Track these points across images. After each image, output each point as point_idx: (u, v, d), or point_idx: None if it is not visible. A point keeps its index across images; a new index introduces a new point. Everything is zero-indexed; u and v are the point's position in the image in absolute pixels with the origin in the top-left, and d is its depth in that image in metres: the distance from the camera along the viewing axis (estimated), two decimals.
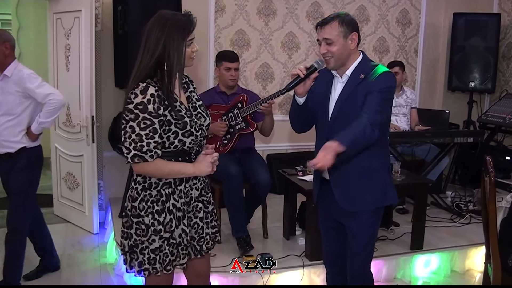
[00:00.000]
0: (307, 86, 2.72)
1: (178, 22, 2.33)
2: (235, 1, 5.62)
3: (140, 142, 2.25)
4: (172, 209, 2.41)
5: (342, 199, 2.77)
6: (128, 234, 2.44)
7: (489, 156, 3.03)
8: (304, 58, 5.98)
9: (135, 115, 2.24)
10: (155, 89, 2.29)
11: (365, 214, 2.77)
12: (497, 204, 3.75)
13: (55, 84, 5.12)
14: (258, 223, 4.51)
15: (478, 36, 6.23)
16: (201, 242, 2.58)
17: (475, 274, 4.30)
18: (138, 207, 2.40)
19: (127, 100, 2.29)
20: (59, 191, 5.34)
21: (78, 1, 4.76)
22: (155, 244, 2.38)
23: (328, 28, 2.63)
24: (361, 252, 2.84)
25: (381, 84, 2.61)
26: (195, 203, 2.54)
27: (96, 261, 4.41)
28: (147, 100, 2.25)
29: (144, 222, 2.38)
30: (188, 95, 2.54)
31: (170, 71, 2.32)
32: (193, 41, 2.39)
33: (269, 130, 4.34)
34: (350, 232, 2.83)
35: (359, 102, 2.61)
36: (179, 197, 2.44)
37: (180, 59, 2.33)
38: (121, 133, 2.30)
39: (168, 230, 2.40)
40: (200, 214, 2.56)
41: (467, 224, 4.92)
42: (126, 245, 2.45)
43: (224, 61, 4.27)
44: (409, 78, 6.47)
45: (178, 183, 2.44)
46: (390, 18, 6.35)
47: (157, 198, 2.39)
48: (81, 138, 4.85)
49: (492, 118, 5.89)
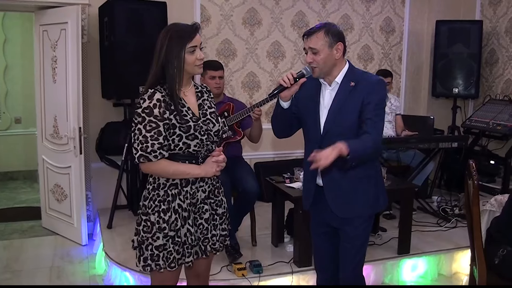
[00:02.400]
0: (292, 91, 2.77)
1: (179, 30, 2.48)
2: (220, 11, 5.66)
3: (145, 143, 2.40)
4: (177, 209, 2.52)
5: (336, 206, 2.81)
6: (138, 231, 2.57)
7: (472, 160, 3.08)
8: (290, 66, 6.03)
9: (142, 118, 2.41)
10: (161, 94, 2.44)
11: (359, 219, 2.82)
12: (482, 207, 3.81)
13: (42, 96, 5.13)
14: (247, 231, 4.53)
15: (461, 43, 6.32)
16: (206, 243, 2.65)
17: (462, 277, 4.35)
18: (147, 205, 2.53)
19: (137, 105, 2.46)
20: (47, 203, 5.32)
21: (64, 13, 4.78)
22: (159, 241, 2.49)
23: (314, 38, 2.68)
24: (356, 255, 2.87)
25: (378, 95, 2.68)
26: (201, 204, 2.62)
27: (86, 273, 4.40)
28: (153, 104, 2.41)
29: (150, 220, 2.50)
30: (200, 102, 2.65)
31: (172, 77, 2.46)
32: (197, 48, 2.49)
33: (257, 136, 4.35)
34: (345, 235, 2.86)
35: (353, 112, 2.67)
36: (185, 198, 2.54)
37: (179, 65, 2.46)
38: (131, 136, 2.49)
39: (173, 229, 2.50)
40: (205, 216, 2.64)
41: (453, 228, 4.97)
42: (136, 240, 2.57)
43: (209, 70, 4.29)
44: (394, 85, 6.53)
45: (185, 185, 2.54)
46: (374, 26, 6.43)
47: (164, 198, 2.51)
48: (69, 149, 4.85)
49: (476, 123, 5.97)
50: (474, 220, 3.02)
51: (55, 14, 4.89)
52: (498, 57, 6.51)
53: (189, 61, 2.47)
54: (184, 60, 2.46)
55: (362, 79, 2.73)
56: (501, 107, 5.90)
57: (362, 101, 2.67)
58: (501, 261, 2.97)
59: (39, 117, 5.24)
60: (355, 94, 2.69)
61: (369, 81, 2.72)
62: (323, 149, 2.51)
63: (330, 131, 2.73)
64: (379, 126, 2.70)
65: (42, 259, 4.62)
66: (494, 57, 6.57)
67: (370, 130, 2.63)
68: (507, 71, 6.38)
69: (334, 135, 2.68)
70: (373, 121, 2.65)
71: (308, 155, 2.83)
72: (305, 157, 2.94)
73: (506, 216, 3.10)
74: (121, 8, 4.62)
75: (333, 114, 2.73)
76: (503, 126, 5.61)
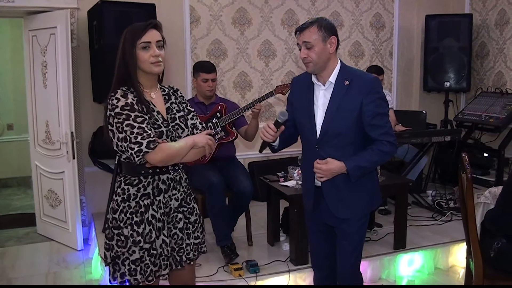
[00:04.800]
0: (276, 136, 2.79)
1: (132, 27, 2.40)
2: (209, 12, 5.65)
3: (145, 132, 2.30)
4: (151, 220, 2.43)
5: (335, 207, 2.81)
6: (110, 246, 2.46)
7: (465, 153, 3.09)
8: (281, 65, 6.03)
9: (126, 115, 2.30)
10: (132, 95, 2.36)
11: (355, 217, 2.82)
12: (476, 200, 3.82)
13: (33, 102, 5.11)
14: (242, 231, 4.52)
15: (451, 37, 6.34)
16: (181, 253, 2.58)
17: (459, 270, 4.36)
18: (118, 218, 2.43)
19: (111, 107, 2.33)
20: (41, 209, 5.30)
21: (53, 17, 4.76)
22: (135, 255, 2.40)
23: (307, 32, 2.67)
24: (353, 252, 2.87)
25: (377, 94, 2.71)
26: (174, 213, 2.55)
27: (82, 278, 4.39)
28: (130, 102, 2.32)
29: (124, 234, 2.41)
30: (168, 106, 2.56)
31: (133, 78, 2.39)
32: (151, 45, 2.39)
33: (253, 134, 4.31)
34: (342, 233, 2.86)
35: (351, 111, 2.68)
36: (158, 207, 2.46)
37: (133, 63, 2.38)
38: (118, 138, 2.33)
39: (148, 241, 2.42)
40: (179, 225, 2.57)
41: (448, 221, 4.99)
42: (109, 256, 2.47)
43: (201, 72, 4.28)
44: (386, 81, 6.54)
45: (157, 194, 2.46)
46: (364, 22, 6.43)
47: (136, 209, 2.42)
48: (62, 154, 4.83)
49: (469, 116, 5.98)
50: (468, 213, 3.02)
51: (44, 19, 4.87)
52: (488, 50, 6.52)
53: (142, 58, 2.38)
54: (137, 58, 2.37)
55: (356, 77, 2.73)
56: (493, 99, 5.92)
57: (361, 101, 2.67)
58: (496, 254, 2.97)
59: (31, 123, 5.22)
60: (351, 93, 2.68)
61: (364, 80, 2.73)
62: (319, 149, 2.71)
63: (328, 131, 2.72)
64: (386, 131, 2.71)
65: (37, 266, 4.60)
66: (484, 50, 6.59)
67: (379, 137, 2.69)
68: (498, 64, 6.40)
69: (332, 135, 2.71)
70: (377, 126, 2.69)
71: (306, 156, 2.88)
72: (303, 158, 2.95)
73: (499, 208, 3.10)
74: (110, 11, 4.60)
75: (330, 114, 2.72)
76: (495, 119, 5.62)
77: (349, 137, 2.71)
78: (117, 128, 2.33)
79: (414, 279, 4.23)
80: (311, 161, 2.76)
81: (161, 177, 2.48)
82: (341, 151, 2.71)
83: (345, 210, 2.80)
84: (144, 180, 2.44)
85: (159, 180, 2.48)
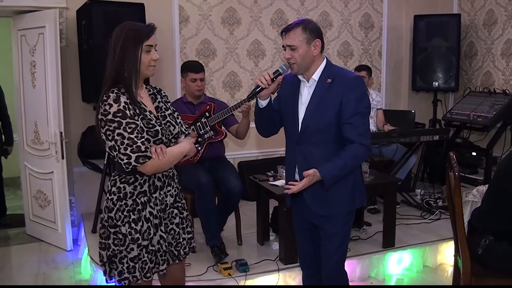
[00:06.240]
0: (271, 90, 2.79)
1: (135, 27, 2.39)
2: (199, 11, 5.65)
3: (135, 144, 2.29)
4: (149, 217, 2.45)
5: (313, 204, 2.82)
6: (106, 245, 2.46)
7: (452, 152, 3.11)
8: (270, 65, 6.04)
9: (118, 122, 2.29)
10: (125, 97, 2.35)
11: (338, 216, 2.83)
12: (464, 198, 3.85)
13: (22, 102, 5.09)
14: (232, 230, 4.53)
15: (439, 37, 6.37)
16: (179, 247, 2.62)
17: (447, 268, 4.38)
18: (115, 217, 2.43)
19: (103, 112, 2.32)
20: (31, 209, 5.27)
21: (41, 17, 4.74)
22: (133, 252, 2.42)
23: (292, 34, 2.69)
24: (336, 252, 2.88)
25: (357, 93, 2.69)
26: (170, 209, 2.58)
27: (72, 278, 4.37)
28: (123, 107, 2.31)
29: (121, 232, 2.41)
30: (156, 105, 2.58)
31: (129, 78, 2.37)
32: (153, 49, 2.42)
33: (244, 133, 4.32)
34: (324, 233, 2.87)
35: (331, 108, 2.68)
36: (155, 204, 2.49)
37: (136, 63, 2.37)
38: (110, 146, 2.33)
39: (146, 238, 2.44)
40: (176, 220, 2.60)
41: (437, 220, 5.02)
42: (105, 255, 2.47)
43: (190, 72, 4.28)
44: (375, 81, 6.57)
45: (153, 191, 2.48)
46: (353, 22, 6.46)
47: (133, 207, 2.43)
48: (50, 155, 4.82)
49: (457, 115, 6.02)
50: (456, 212, 3.04)
51: (32, 19, 4.85)
52: (477, 50, 6.57)
53: (145, 61, 2.40)
54: (140, 60, 2.38)
55: (339, 75, 2.74)
56: (481, 99, 5.96)
57: (341, 99, 2.68)
58: (484, 251, 2.99)
59: (20, 123, 5.19)
60: (333, 91, 2.70)
61: (346, 78, 2.74)
62: (300, 145, 2.74)
63: (308, 127, 2.74)
64: (362, 132, 2.69)
65: (27, 266, 4.58)
66: (473, 49, 6.63)
67: (354, 138, 2.66)
68: (486, 63, 6.44)
69: (312, 131, 2.73)
70: (354, 126, 2.67)
71: (289, 151, 2.89)
72: (286, 153, 2.96)
73: (486, 206, 3.13)
74: (99, 10, 4.59)
75: (311, 111, 2.74)
76: (483, 118, 5.67)
77: (330, 134, 2.71)
78: (107, 136, 2.33)
79: (403, 277, 4.24)
80: (293, 158, 2.82)
81: (156, 175, 2.51)
82: (321, 148, 2.73)
83: (324, 207, 2.80)
84: (140, 178, 2.46)
85: (155, 178, 2.50)
